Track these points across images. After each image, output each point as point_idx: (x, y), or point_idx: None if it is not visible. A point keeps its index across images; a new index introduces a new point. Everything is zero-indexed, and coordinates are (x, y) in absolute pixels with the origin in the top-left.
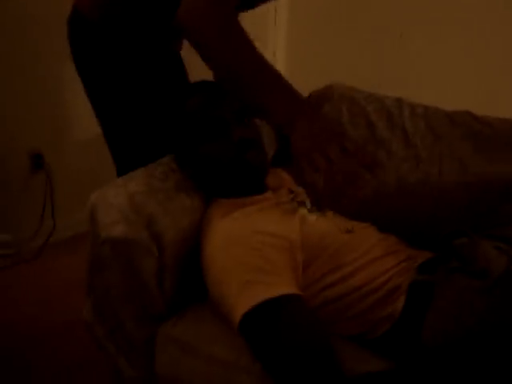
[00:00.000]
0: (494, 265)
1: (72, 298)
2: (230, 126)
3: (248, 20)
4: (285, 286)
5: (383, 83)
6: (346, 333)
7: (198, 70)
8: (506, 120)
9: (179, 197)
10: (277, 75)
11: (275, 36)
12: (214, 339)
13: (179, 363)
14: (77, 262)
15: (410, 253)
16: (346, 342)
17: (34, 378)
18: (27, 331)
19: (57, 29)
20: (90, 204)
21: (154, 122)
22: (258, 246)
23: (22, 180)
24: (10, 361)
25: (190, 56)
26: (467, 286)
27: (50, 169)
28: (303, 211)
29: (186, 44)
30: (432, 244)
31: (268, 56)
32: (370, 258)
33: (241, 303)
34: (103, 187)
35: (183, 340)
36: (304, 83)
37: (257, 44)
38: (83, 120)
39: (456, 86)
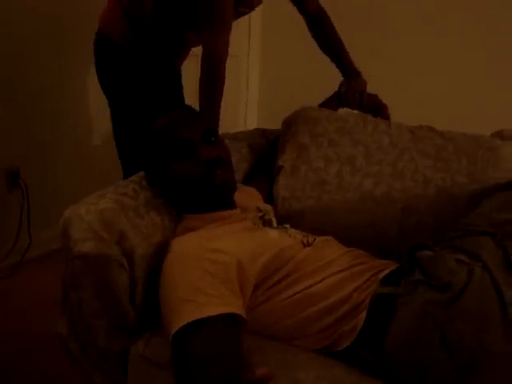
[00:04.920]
0: (456, 278)
1: (46, 314)
2: (196, 147)
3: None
4: (217, 306)
5: None
6: (311, 346)
7: None
8: (468, 135)
9: (149, 214)
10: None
11: (248, 55)
12: None
13: (152, 379)
14: (52, 279)
15: (374, 264)
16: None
17: None
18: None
19: (32, 42)
20: (62, 220)
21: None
22: (204, 265)
23: None
24: None
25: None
26: (430, 299)
27: (26, 186)
28: (266, 228)
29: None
30: (397, 256)
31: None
32: (333, 270)
33: (173, 322)
34: (76, 203)
35: (155, 360)
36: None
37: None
38: (59, 138)
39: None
